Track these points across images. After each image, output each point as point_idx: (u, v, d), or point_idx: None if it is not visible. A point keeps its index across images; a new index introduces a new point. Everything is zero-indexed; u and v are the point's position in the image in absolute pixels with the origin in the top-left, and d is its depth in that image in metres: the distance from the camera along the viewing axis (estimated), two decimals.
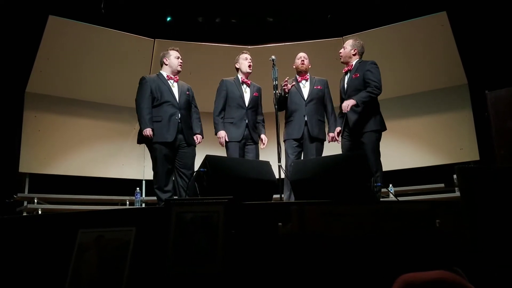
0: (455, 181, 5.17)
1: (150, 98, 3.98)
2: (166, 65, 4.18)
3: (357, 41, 4.19)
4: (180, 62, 4.19)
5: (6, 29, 5.45)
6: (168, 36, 6.58)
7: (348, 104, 3.83)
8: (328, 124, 4.41)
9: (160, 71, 4.20)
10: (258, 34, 6.78)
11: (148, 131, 3.86)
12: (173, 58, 4.17)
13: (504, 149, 3.33)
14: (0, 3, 5.34)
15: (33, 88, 5.89)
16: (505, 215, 1.77)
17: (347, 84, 4.10)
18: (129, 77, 6.43)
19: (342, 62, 4.24)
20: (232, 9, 6.74)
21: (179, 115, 4.02)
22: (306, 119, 4.24)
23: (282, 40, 6.43)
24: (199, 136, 4.19)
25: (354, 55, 4.12)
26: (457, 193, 5.12)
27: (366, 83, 3.95)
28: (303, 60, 4.43)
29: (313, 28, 6.75)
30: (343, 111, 3.91)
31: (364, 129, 3.91)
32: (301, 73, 4.44)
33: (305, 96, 4.32)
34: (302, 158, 4.27)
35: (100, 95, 6.38)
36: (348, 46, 4.16)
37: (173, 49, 4.23)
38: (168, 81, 4.12)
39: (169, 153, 3.96)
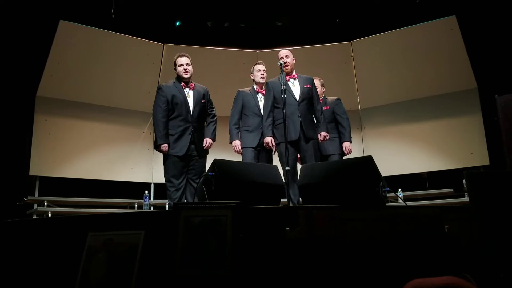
0: (465, 186, 5.13)
1: (166, 110, 4.00)
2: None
3: (322, 83, 4.90)
4: (184, 69, 4.09)
5: (17, 34, 5.52)
6: (177, 41, 6.62)
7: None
8: (319, 123, 4.32)
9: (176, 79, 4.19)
10: (266, 38, 6.80)
11: (164, 147, 3.93)
12: (177, 67, 4.14)
13: None
14: (12, 8, 5.41)
15: (43, 92, 5.94)
16: None
17: None
18: (138, 81, 6.50)
19: None
20: (241, 13, 6.76)
21: (192, 129, 4.03)
22: (301, 120, 4.10)
23: (290, 44, 6.43)
24: (208, 140, 4.13)
25: (323, 92, 4.88)
26: (467, 198, 5.07)
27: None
28: (286, 61, 4.17)
29: (321, 32, 6.75)
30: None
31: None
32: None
33: (297, 97, 4.17)
34: (299, 160, 4.23)
35: (109, 99, 6.42)
36: (319, 86, 4.76)
37: (177, 57, 4.17)
38: (184, 90, 4.09)
39: (181, 164, 3.99)
